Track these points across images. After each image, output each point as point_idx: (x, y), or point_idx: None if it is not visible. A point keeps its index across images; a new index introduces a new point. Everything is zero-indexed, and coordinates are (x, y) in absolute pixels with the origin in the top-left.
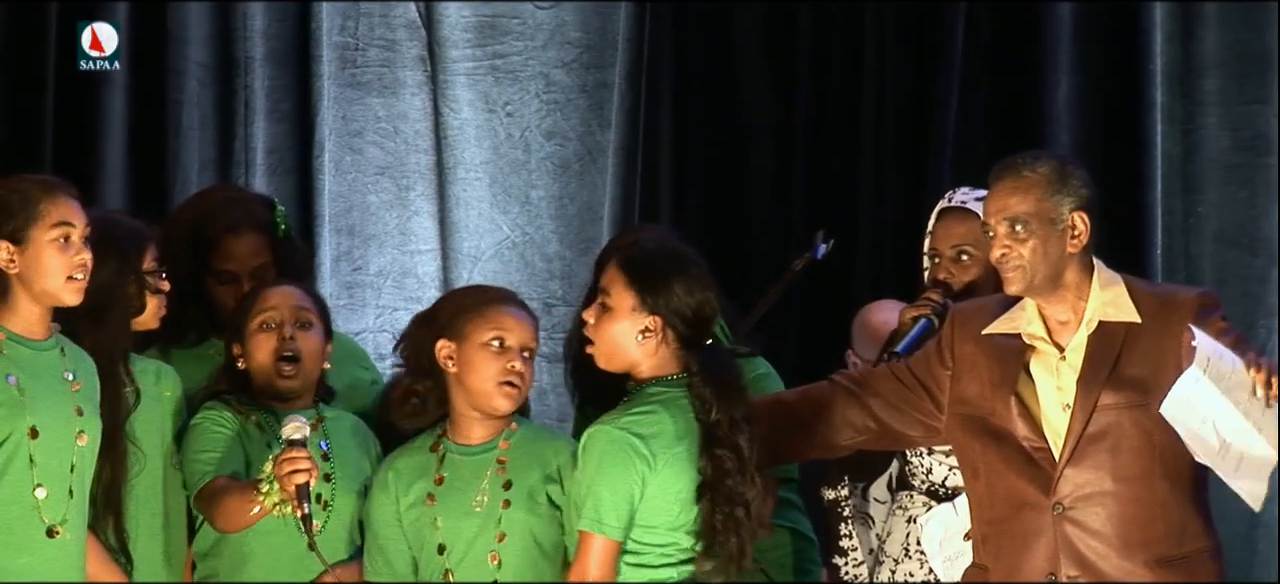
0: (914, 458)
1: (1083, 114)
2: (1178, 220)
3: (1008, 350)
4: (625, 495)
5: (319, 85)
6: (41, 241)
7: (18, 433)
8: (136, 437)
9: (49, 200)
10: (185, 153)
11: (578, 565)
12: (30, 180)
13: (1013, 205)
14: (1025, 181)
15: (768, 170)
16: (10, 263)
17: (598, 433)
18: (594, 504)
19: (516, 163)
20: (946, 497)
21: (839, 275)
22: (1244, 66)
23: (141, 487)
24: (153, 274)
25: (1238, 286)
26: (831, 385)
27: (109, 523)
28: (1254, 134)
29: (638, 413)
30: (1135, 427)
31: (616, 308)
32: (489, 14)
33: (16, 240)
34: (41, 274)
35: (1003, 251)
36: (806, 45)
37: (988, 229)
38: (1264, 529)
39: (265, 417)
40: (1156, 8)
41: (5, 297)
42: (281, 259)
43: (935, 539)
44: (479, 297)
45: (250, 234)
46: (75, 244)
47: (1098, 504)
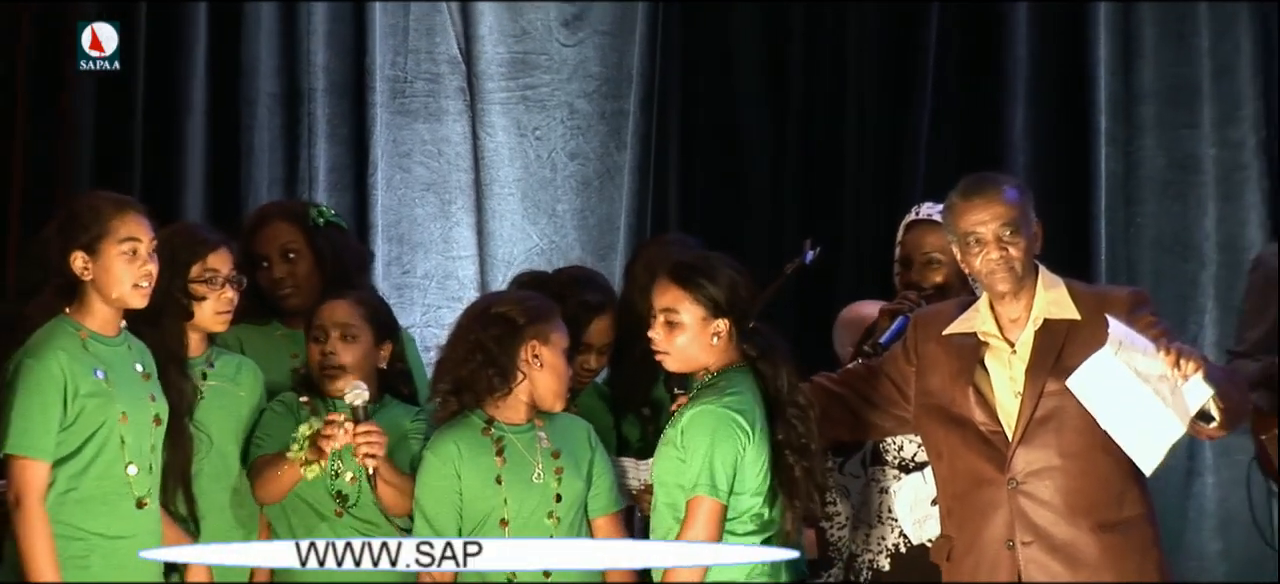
0: (891, 446)
1: (1037, 138)
2: (1120, 230)
3: (965, 347)
4: (732, 463)
5: (372, 113)
6: (112, 253)
7: (110, 420)
8: (202, 423)
9: (119, 217)
10: (256, 171)
11: (689, 526)
12: (105, 197)
13: (1003, 214)
14: (1007, 196)
15: (763, 187)
16: (85, 269)
17: (704, 413)
18: (708, 472)
19: (544, 180)
20: (915, 468)
21: (825, 278)
22: (1176, 96)
23: (209, 466)
24: (207, 281)
25: (1172, 289)
26: (814, 385)
27: (180, 497)
28: (1185, 155)
29: (732, 394)
30: (1077, 410)
31: (689, 322)
32: (520, 51)
33: (90, 251)
34: (111, 281)
35: (999, 255)
36: (798, 80)
37: (972, 236)
38: (1194, 498)
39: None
40: (1100, 46)
41: (82, 299)
42: (319, 247)
43: (906, 504)
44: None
45: (278, 222)
46: (141, 256)
47: (1046, 478)
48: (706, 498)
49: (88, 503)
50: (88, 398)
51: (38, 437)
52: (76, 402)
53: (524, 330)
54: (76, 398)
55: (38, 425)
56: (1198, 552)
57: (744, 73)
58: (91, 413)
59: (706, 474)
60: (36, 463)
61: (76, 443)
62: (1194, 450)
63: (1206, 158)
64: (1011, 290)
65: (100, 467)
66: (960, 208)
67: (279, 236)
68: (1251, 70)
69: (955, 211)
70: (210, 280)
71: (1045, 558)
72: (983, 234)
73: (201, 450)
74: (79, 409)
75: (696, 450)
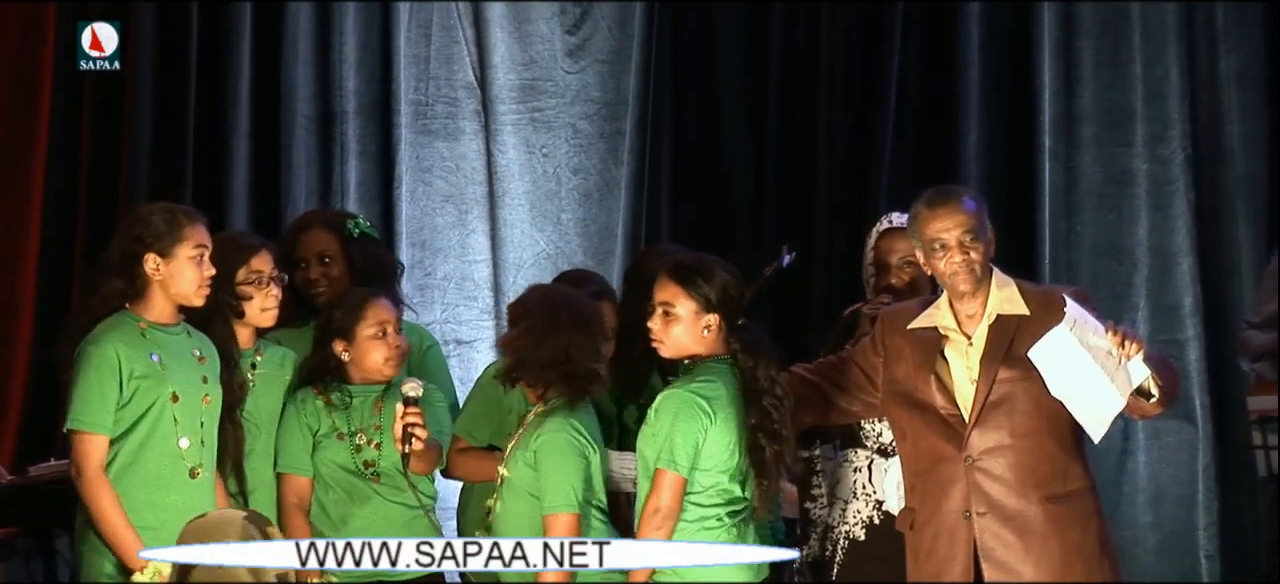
0: (866, 425)
1: (989, 156)
2: (1062, 237)
3: (927, 340)
4: (692, 442)
5: (397, 133)
6: (183, 258)
7: (162, 398)
8: (253, 412)
9: (192, 226)
10: (294, 185)
11: (653, 496)
12: (179, 209)
13: (965, 222)
14: (967, 206)
15: (745, 199)
16: (156, 270)
17: (671, 395)
18: (670, 448)
19: (550, 192)
20: (893, 453)
21: (800, 280)
22: (1112, 118)
23: (259, 447)
24: (253, 281)
25: (1108, 290)
26: (793, 375)
27: (232, 477)
28: (1120, 170)
29: (701, 381)
30: (1026, 395)
31: (683, 315)
32: (529, 78)
33: (164, 254)
34: (179, 283)
35: (961, 258)
36: (776, 107)
37: (937, 241)
38: (1129, 475)
39: (340, 394)
40: (1045, 73)
41: (144, 295)
42: (352, 254)
43: (893, 482)
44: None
45: (317, 229)
46: (206, 262)
47: (999, 455)
48: (667, 471)
49: (146, 475)
50: (141, 379)
51: (96, 413)
52: (131, 382)
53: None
54: (131, 379)
55: (96, 403)
56: (1131, 522)
57: (727, 99)
58: (144, 392)
59: (668, 449)
60: (95, 436)
61: (132, 419)
62: (1128, 432)
63: (1139, 173)
64: (971, 290)
65: (155, 441)
66: (926, 216)
67: (317, 243)
68: (1179, 95)
69: (921, 219)
70: (256, 281)
71: (998, 527)
72: (947, 240)
73: (252, 435)
74: (134, 389)
75: (661, 428)
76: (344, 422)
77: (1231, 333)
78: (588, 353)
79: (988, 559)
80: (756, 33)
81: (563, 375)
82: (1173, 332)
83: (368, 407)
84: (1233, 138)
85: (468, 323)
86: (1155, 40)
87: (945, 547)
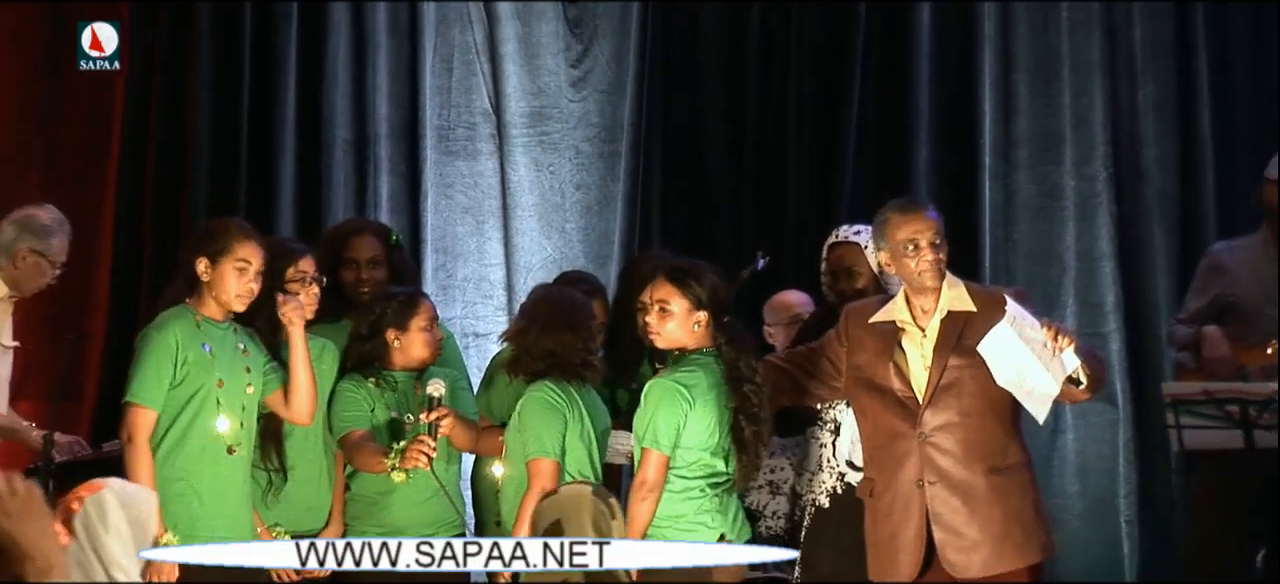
0: (824, 408)
1: (936, 174)
2: (1000, 245)
3: (886, 332)
4: (674, 424)
5: (423, 153)
6: (227, 268)
7: (209, 383)
8: None
9: (239, 241)
10: (333, 198)
11: (640, 473)
12: (235, 226)
13: (933, 226)
14: (932, 214)
15: (725, 211)
16: (205, 273)
17: (656, 384)
18: (653, 430)
19: (556, 205)
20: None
21: (772, 281)
22: (1044, 141)
23: (299, 431)
24: (298, 281)
25: (1041, 291)
26: (767, 363)
27: (272, 453)
28: (1051, 186)
29: (683, 370)
30: (973, 380)
31: (677, 312)
32: (538, 106)
33: (212, 260)
34: (222, 289)
35: (931, 258)
36: (753, 133)
37: (910, 243)
38: (1059, 450)
39: (387, 378)
40: (986, 102)
41: (201, 294)
42: (393, 261)
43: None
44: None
45: (368, 236)
46: (248, 275)
47: (948, 432)
48: (651, 450)
49: (191, 449)
50: (192, 364)
51: (151, 389)
52: (183, 366)
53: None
54: (184, 364)
55: (152, 380)
56: (1061, 491)
57: (710, 125)
58: (194, 376)
59: (652, 431)
60: (146, 410)
61: (183, 399)
62: (1059, 413)
63: (1067, 189)
64: (936, 285)
65: (201, 421)
66: (898, 222)
67: (369, 249)
68: (1102, 122)
69: (893, 224)
70: (299, 280)
71: (947, 494)
72: (919, 241)
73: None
74: (185, 373)
75: (646, 411)
76: (393, 402)
77: (1148, 327)
78: (577, 348)
79: (938, 523)
80: (736, 70)
81: (554, 366)
82: (1097, 326)
83: (409, 387)
84: (1149, 159)
85: (484, 318)
86: (1082, 74)
87: (901, 511)
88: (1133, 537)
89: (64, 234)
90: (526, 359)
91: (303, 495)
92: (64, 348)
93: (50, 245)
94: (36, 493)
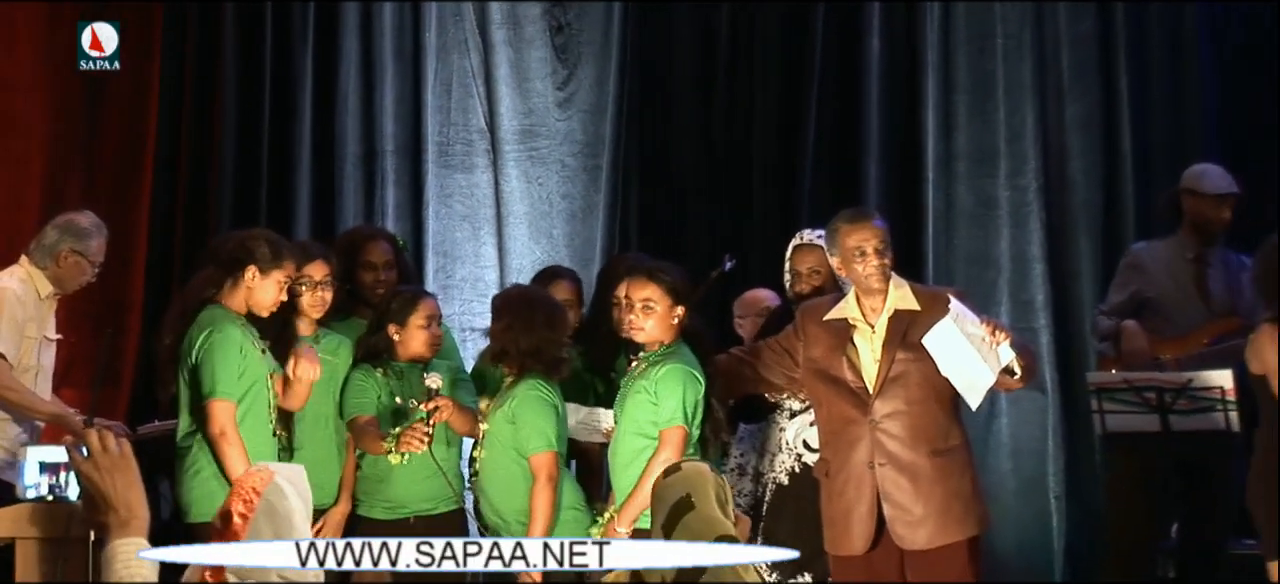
0: (782, 398)
1: (885, 184)
2: (942, 249)
3: (839, 328)
4: (693, 402)
5: (425, 167)
6: (273, 280)
7: (263, 375)
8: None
9: (288, 262)
10: (344, 207)
11: (664, 448)
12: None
13: (880, 234)
14: (879, 223)
15: (696, 219)
16: (252, 280)
17: (676, 370)
18: (682, 410)
19: (544, 213)
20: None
21: (738, 282)
22: (982, 154)
23: (309, 414)
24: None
25: (978, 291)
26: (732, 356)
27: (283, 433)
28: (987, 197)
29: (686, 357)
30: (918, 371)
31: (660, 309)
32: (528, 124)
33: (262, 272)
34: (261, 297)
35: (877, 263)
36: (721, 148)
37: (858, 250)
38: (994, 433)
39: (394, 368)
40: (929, 121)
41: (231, 293)
42: (401, 264)
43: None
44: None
45: (382, 241)
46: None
47: (896, 419)
48: (681, 427)
49: (247, 433)
50: (250, 359)
51: (230, 383)
52: (246, 360)
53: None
54: (247, 358)
55: (230, 374)
56: (997, 469)
57: (683, 143)
58: (252, 368)
59: (681, 411)
60: (229, 402)
61: (242, 391)
62: (995, 399)
63: (1002, 199)
64: (882, 288)
65: (256, 408)
66: (847, 230)
67: (384, 254)
68: (1033, 138)
69: (842, 233)
70: (307, 282)
71: (895, 474)
72: (866, 248)
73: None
74: (246, 365)
75: (671, 395)
76: (399, 390)
77: (1075, 323)
78: (556, 344)
79: (887, 500)
80: (706, 94)
81: (538, 362)
82: (1028, 322)
83: (414, 377)
84: (1076, 171)
85: (480, 315)
86: (1014, 95)
87: (853, 490)
88: (1061, 511)
89: (102, 237)
90: (510, 355)
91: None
92: (103, 341)
93: (89, 246)
94: (128, 451)
